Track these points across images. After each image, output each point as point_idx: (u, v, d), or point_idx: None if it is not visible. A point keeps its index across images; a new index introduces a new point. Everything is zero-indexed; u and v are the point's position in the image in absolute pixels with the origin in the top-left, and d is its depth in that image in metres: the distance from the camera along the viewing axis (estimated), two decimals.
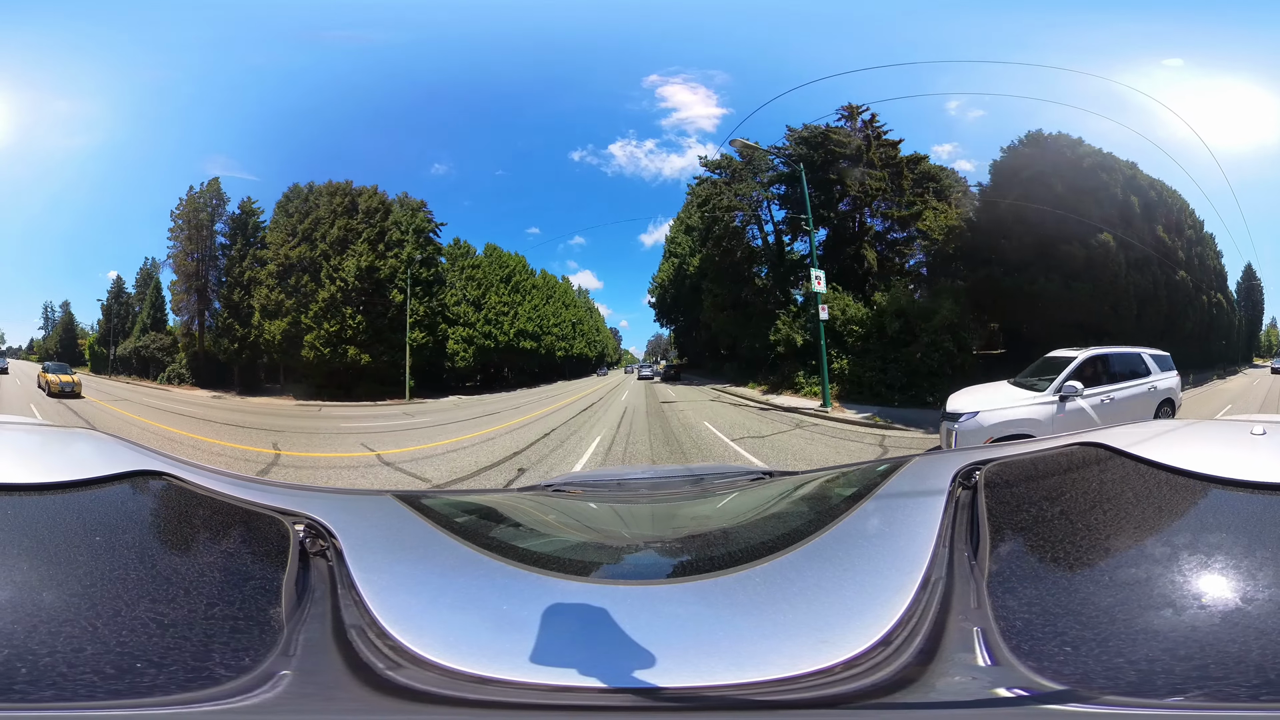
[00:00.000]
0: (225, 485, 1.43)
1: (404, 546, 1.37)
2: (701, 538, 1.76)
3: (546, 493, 2.33)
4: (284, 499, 1.42)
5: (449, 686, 0.87)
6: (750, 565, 1.21)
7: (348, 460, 9.92)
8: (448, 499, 2.10)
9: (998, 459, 1.49)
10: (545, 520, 1.97)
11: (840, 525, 1.33)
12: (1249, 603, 0.85)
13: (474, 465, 9.32)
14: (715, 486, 2.34)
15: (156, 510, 1.26)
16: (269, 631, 0.93)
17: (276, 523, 1.25)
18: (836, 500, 1.76)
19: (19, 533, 1.02)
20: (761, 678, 0.86)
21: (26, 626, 0.83)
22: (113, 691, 0.78)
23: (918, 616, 0.95)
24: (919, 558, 1.09)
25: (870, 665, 0.87)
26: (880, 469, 1.79)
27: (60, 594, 0.91)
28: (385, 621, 0.98)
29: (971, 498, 1.28)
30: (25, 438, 1.65)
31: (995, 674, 0.84)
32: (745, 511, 2.05)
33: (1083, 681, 0.79)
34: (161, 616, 0.89)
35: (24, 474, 1.23)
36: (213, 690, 0.81)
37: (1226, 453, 1.32)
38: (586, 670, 0.88)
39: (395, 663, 0.91)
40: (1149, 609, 0.88)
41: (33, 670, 0.78)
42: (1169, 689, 0.76)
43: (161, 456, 1.51)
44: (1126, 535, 1.07)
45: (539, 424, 13.04)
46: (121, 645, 0.83)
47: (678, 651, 0.92)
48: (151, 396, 10.85)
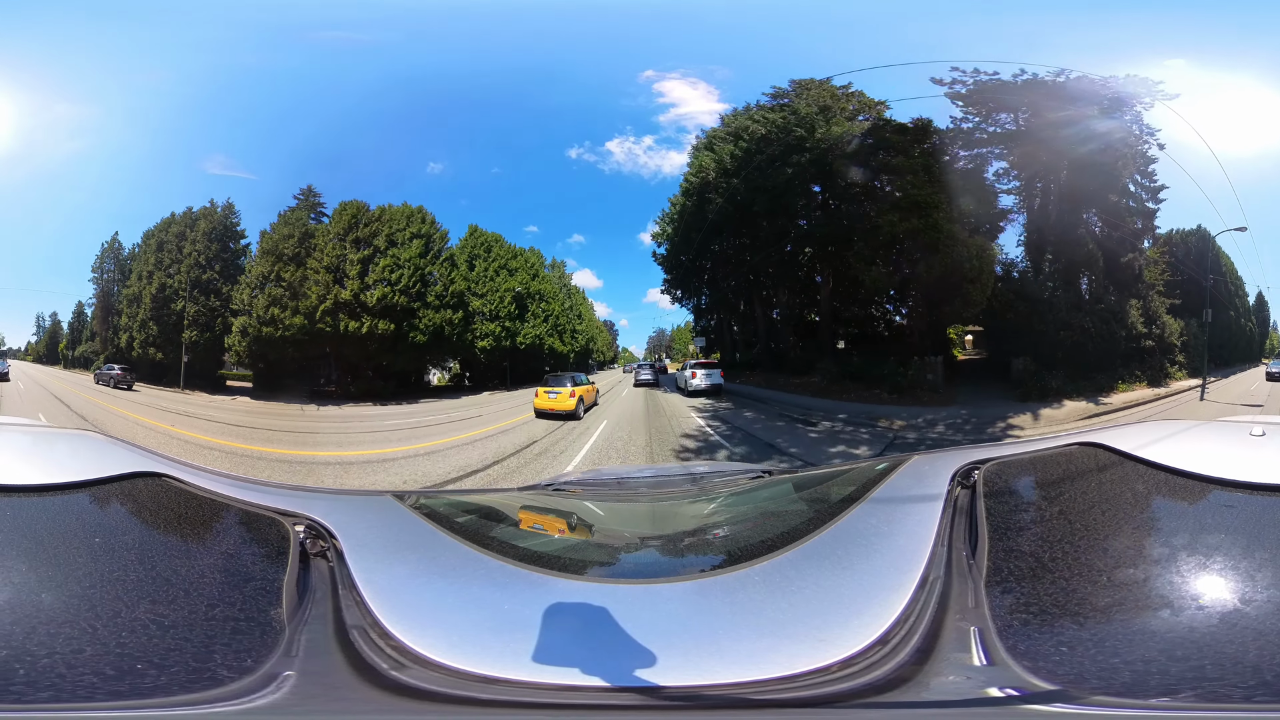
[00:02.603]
0: (225, 486, 1.43)
1: (404, 546, 1.37)
2: (701, 537, 1.76)
3: (547, 492, 2.33)
4: (284, 500, 1.42)
5: (455, 686, 0.87)
6: (750, 564, 1.22)
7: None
8: (448, 499, 2.10)
9: (997, 459, 1.48)
10: (545, 520, 1.97)
11: (839, 524, 1.33)
12: (1247, 604, 0.86)
13: None
14: (715, 486, 2.34)
15: (156, 511, 1.26)
16: (270, 632, 0.93)
17: (276, 523, 1.25)
18: (836, 500, 1.76)
19: (18, 534, 1.02)
20: (761, 676, 0.86)
21: (25, 628, 0.83)
22: (113, 693, 0.78)
23: (915, 616, 0.95)
24: (917, 557, 1.09)
25: (867, 664, 0.87)
26: (879, 468, 1.79)
27: (59, 595, 0.91)
28: (387, 622, 0.98)
29: (970, 497, 1.28)
30: (25, 439, 1.65)
31: (990, 674, 0.84)
32: (745, 511, 2.06)
33: (1076, 681, 0.79)
34: (162, 617, 0.89)
35: (23, 475, 1.22)
36: (216, 691, 0.81)
37: (1226, 454, 1.32)
38: (589, 669, 0.88)
39: (399, 663, 0.91)
40: (1147, 609, 0.88)
41: (31, 671, 0.78)
42: (1163, 689, 0.76)
43: (161, 458, 1.51)
44: (1125, 535, 1.07)
45: None
46: (121, 646, 0.83)
47: (679, 651, 0.92)
48: (57, 381, 15.47)
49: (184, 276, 14.06)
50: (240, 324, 14.22)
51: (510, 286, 17.16)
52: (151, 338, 14.23)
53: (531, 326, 17.91)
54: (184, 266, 14.06)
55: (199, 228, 14.36)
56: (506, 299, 17.19)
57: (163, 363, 14.21)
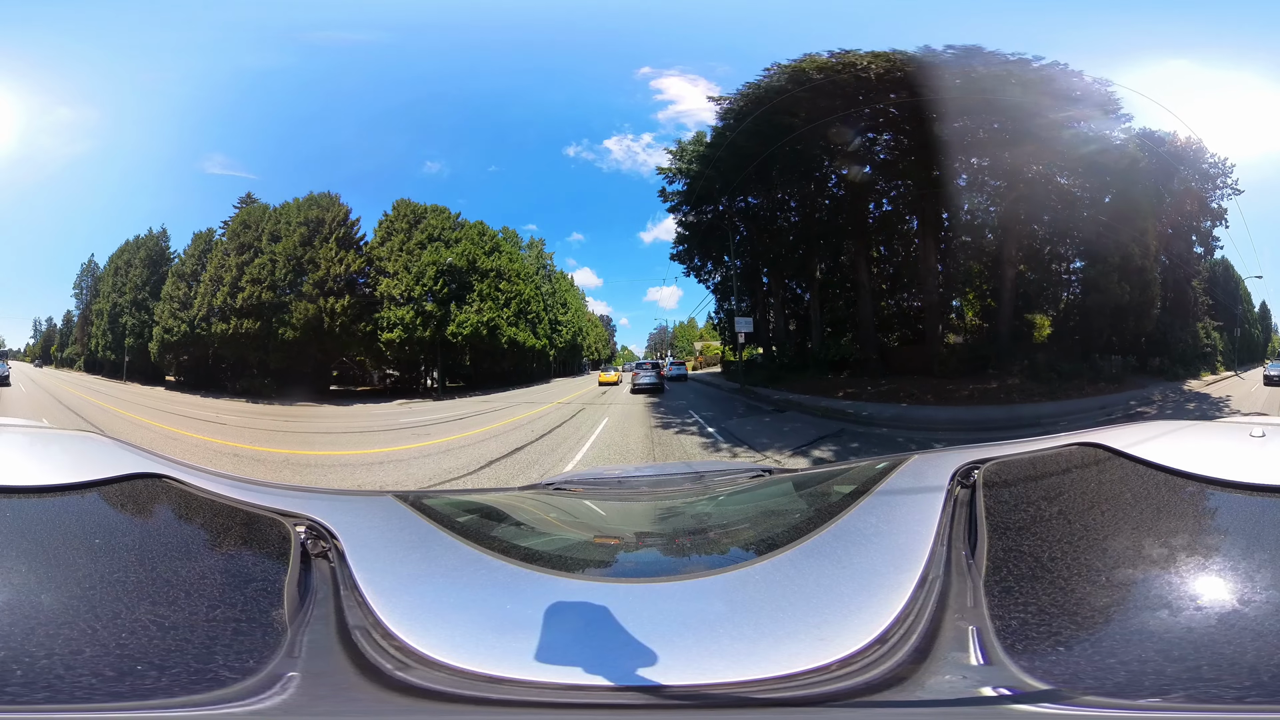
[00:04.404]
0: (225, 487, 1.43)
1: (406, 547, 1.37)
2: (702, 535, 1.76)
3: (548, 491, 2.33)
4: (284, 500, 1.42)
5: (460, 685, 0.88)
6: (750, 563, 1.22)
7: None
8: (448, 498, 2.10)
9: (997, 458, 1.49)
10: (546, 519, 1.98)
11: (839, 523, 1.33)
12: (1246, 604, 0.86)
13: None
14: (715, 484, 2.34)
15: (156, 513, 1.26)
16: (272, 633, 0.93)
17: (277, 524, 1.25)
18: (836, 498, 1.76)
19: (18, 535, 1.03)
20: (761, 675, 0.87)
21: (24, 629, 0.83)
22: (113, 694, 0.78)
23: (914, 615, 0.95)
24: (917, 556, 1.09)
25: (865, 663, 0.88)
26: (879, 467, 1.79)
27: (59, 596, 0.91)
28: (390, 622, 0.98)
29: (970, 496, 1.29)
30: (25, 440, 1.65)
31: (986, 673, 0.85)
32: (745, 509, 2.06)
33: (1071, 681, 0.79)
34: (162, 619, 0.89)
35: (23, 476, 1.22)
36: (219, 693, 0.81)
37: (1225, 454, 1.32)
38: (592, 669, 0.88)
39: (403, 663, 0.91)
40: (1145, 610, 0.88)
41: (29, 672, 0.78)
42: (1157, 690, 0.77)
43: (161, 459, 1.51)
44: (1124, 536, 1.07)
45: None
46: (121, 647, 0.83)
47: (680, 650, 0.93)
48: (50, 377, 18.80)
49: (128, 297, 17.06)
50: (156, 333, 16.43)
51: (432, 260, 11.78)
52: (109, 344, 17.67)
53: (473, 312, 13.13)
54: (128, 288, 16.99)
55: (140, 255, 17.14)
56: (428, 275, 12.50)
57: (115, 362, 17.74)
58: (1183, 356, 14.24)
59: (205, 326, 15.41)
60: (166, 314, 16.06)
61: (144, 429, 11.91)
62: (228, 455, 9.89)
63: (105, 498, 1.22)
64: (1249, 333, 16.20)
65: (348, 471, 9.09)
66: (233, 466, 8.96)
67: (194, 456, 8.63)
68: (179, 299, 15.94)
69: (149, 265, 16.90)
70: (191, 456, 8.02)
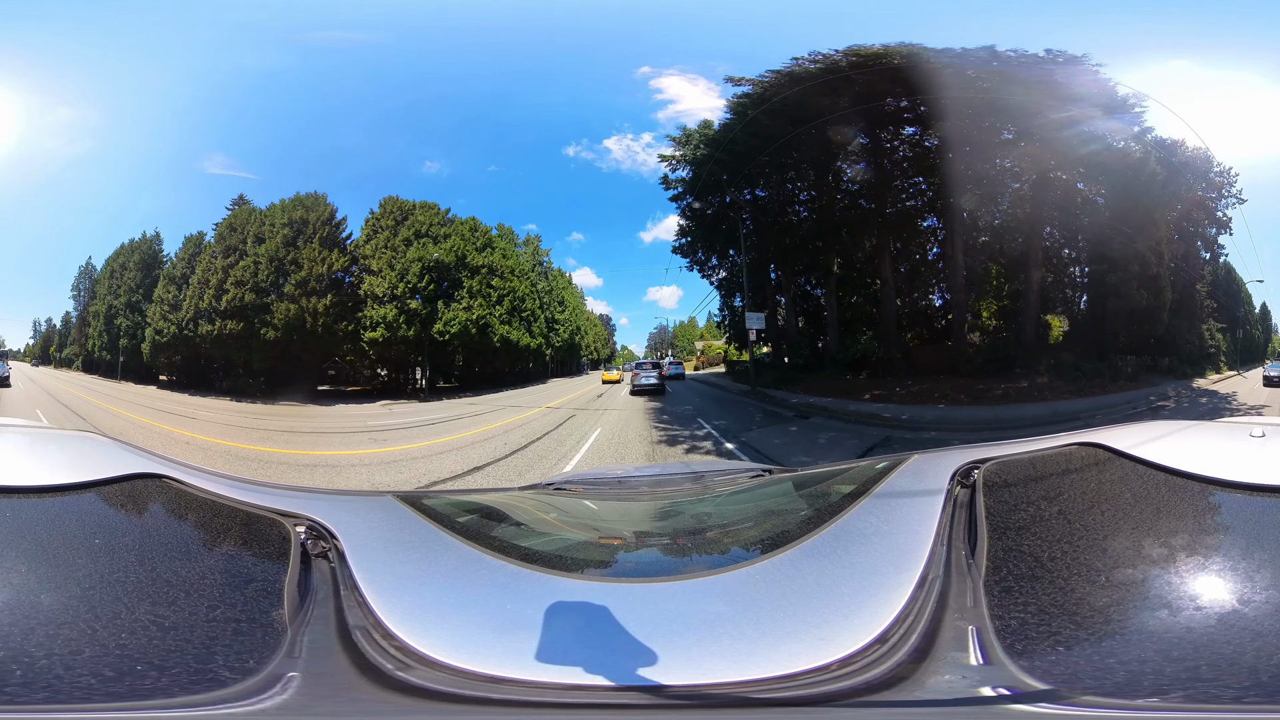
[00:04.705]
0: (225, 487, 1.43)
1: (406, 547, 1.37)
2: (702, 535, 1.76)
3: (548, 491, 2.33)
4: (284, 500, 1.42)
5: (461, 686, 0.88)
6: (750, 563, 1.22)
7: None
8: (448, 498, 2.10)
9: (997, 458, 1.49)
10: (546, 519, 1.98)
11: (839, 523, 1.33)
12: (1245, 605, 0.86)
13: None
14: (716, 484, 2.34)
15: (156, 513, 1.26)
16: (272, 633, 0.93)
17: (277, 524, 1.25)
18: (836, 498, 1.76)
19: (17, 535, 1.02)
20: (762, 675, 0.87)
21: (24, 629, 0.83)
22: (112, 694, 0.78)
23: (914, 615, 0.95)
24: (917, 556, 1.09)
25: (865, 663, 0.88)
26: (879, 467, 1.79)
27: (58, 596, 0.91)
28: (390, 622, 0.98)
29: (970, 496, 1.29)
30: (24, 440, 1.65)
31: (985, 673, 0.85)
32: (745, 509, 2.06)
33: (1071, 681, 0.79)
34: (162, 619, 0.89)
35: (23, 476, 1.22)
36: (219, 693, 0.81)
37: (1225, 455, 1.32)
38: (593, 669, 0.88)
39: (403, 663, 0.91)
40: (1145, 610, 0.88)
41: (28, 672, 0.78)
42: (1156, 690, 0.77)
43: (161, 459, 1.51)
44: (1124, 536, 1.07)
45: None
46: (121, 647, 0.83)
47: (681, 650, 0.93)
48: (48, 376, 19.42)
49: (122, 299, 17.75)
50: (148, 334, 16.95)
51: (417, 256, 11.10)
52: (105, 344, 18.31)
53: (461, 310, 12.43)
54: (122, 290, 17.68)
55: (134, 258, 17.75)
56: (412, 272, 11.90)
57: (111, 362, 18.39)
58: (1190, 356, 15.02)
59: (193, 328, 16.02)
60: (157, 316, 16.66)
61: (112, 416, 12.82)
62: (166, 439, 10.64)
63: (105, 498, 1.22)
64: (1250, 334, 17.07)
65: (261, 465, 9.09)
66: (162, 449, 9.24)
67: (143, 442, 8.61)
68: (169, 301, 16.64)
69: (142, 268, 17.57)
70: (141, 441, 7.86)
